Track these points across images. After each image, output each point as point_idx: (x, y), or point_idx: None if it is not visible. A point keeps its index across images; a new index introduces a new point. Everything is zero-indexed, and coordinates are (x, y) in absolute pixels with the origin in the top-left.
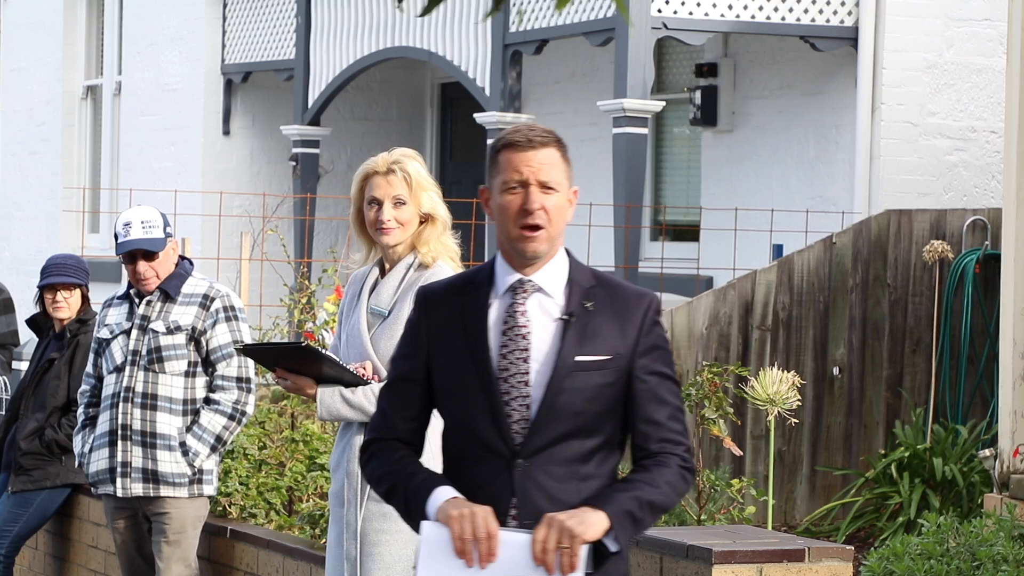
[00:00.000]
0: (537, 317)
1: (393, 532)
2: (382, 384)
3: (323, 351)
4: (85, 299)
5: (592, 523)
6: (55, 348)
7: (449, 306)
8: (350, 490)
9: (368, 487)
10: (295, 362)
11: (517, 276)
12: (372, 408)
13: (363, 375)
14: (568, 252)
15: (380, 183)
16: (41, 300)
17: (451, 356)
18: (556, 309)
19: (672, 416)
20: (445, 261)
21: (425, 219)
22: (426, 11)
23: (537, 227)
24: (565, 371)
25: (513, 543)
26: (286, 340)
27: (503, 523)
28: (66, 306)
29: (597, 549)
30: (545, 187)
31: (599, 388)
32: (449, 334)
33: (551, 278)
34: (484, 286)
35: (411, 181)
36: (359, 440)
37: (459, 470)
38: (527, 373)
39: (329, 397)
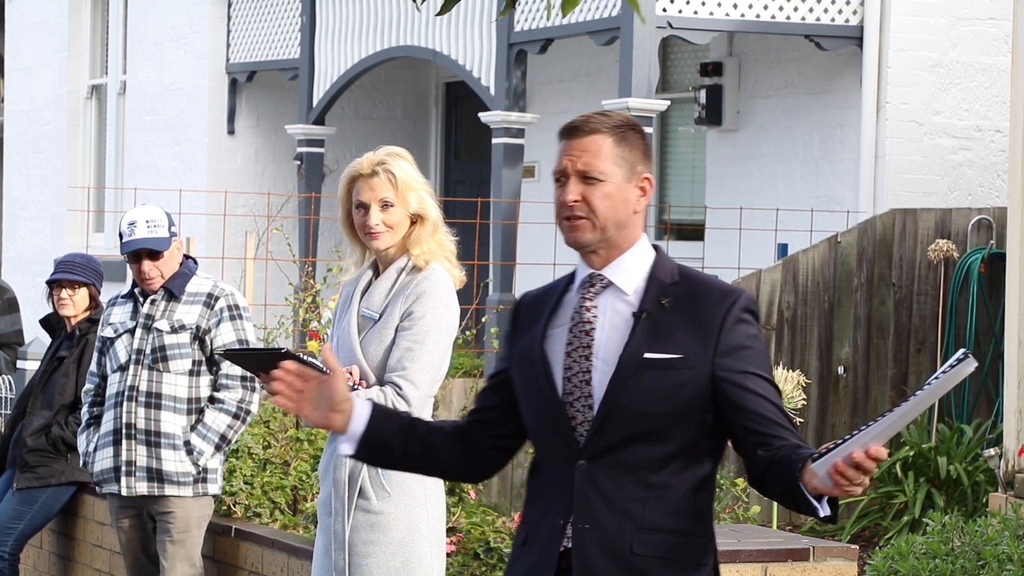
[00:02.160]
0: (607, 314)
1: (381, 543)
2: (369, 389)
3: (304, 357)
4: (93, 299)
5: None
6: (66, 347)
7: (535, 310)
8: (337, 499)
9: (356, 496)
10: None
11: (588, 271)
12: None
13: (350, 380)
14: (657, 248)
15: (365, 186)
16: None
17: (524, 359)
18: (630, 307)
19: (779, 416)
20: (440, 262)
21: (415, 219)
22: (443, 10)
23: (578, 218)
24: (630, 369)
25: None
26: (270, 346)
27: (558, 528)
28: (71, 304)
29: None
30: (586, 177)
31: (669, 389)
32: (527, 337)
33: (626, 273)
34: (565, 285)
35: (396, 182)
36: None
37: (536, 472)
38: (588, 372)
39: None
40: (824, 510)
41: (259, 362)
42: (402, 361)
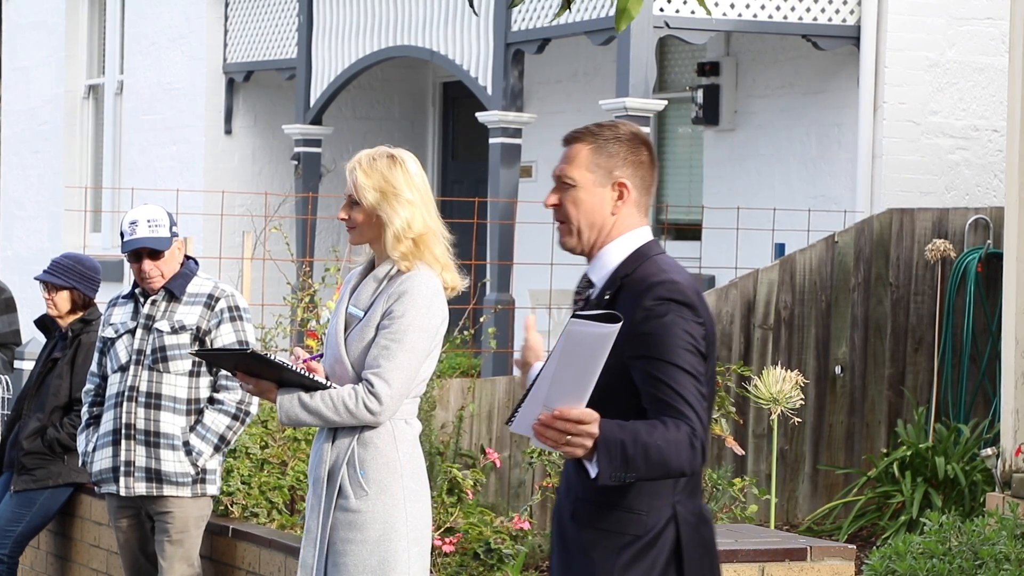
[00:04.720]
0: (585, 305)
1: (358, 541)
2: (343, 388)
3: (271, 358)
4: (75, 302)
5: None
6: (60, 348)
7: None
8: (315, 497)
9: (336, 495)
10: (254, 366)
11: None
12: (328, 412)
13: (301, 364)
14: (650, 244)
15: (348, 179)
16: None
17: None
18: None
19: (667, 393)
20: (428, 265)
21: (380, 223)
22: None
23: (560, 221)
24: None
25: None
26: (234, 347)
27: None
28: (52, 305)
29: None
30: (561, 182)
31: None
32: None
33: (599, 271)
34: None
35: (356, 183)
36: (328, 446)
37: None
38: None
39: (288, 402)
40: (592, 469)
41: (234, 361)
42: (378, 359)
